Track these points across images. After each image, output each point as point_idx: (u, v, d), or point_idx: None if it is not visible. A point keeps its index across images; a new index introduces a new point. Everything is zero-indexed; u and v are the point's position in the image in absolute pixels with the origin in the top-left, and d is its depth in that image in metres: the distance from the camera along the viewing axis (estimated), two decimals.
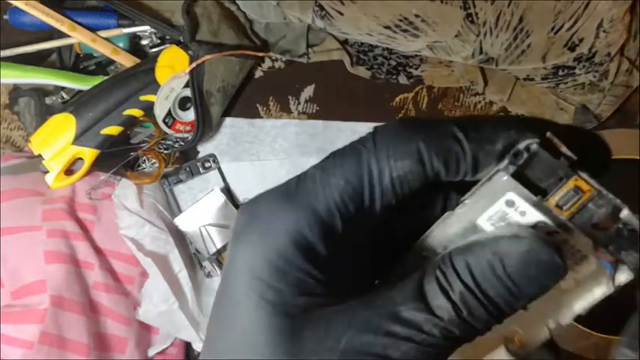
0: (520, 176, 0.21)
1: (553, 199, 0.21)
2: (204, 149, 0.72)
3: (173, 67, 0.66)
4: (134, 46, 0.69)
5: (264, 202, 0.22)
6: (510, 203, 0.21)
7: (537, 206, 0.21)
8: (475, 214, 0.22)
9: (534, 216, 0.21)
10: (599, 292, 0.22)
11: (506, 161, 0.21)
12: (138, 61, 0.68)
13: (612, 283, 0.22)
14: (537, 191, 0.21)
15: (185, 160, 0.72)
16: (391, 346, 0.20)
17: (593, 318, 0.69)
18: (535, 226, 0.21)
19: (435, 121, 0.22)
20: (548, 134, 0.21)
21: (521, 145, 0.21)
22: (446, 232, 0.22)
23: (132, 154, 0.68)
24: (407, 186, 0.21)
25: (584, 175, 0.21)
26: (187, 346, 0.70)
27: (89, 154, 0.66)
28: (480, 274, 0.20)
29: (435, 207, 0.24)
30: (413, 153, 0.21)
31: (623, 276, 0.21)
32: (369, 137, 0.21)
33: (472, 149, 0.21)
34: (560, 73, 0.64)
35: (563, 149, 0.21)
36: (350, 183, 0.21)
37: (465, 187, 0.23)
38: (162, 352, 0.68)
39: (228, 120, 0.71)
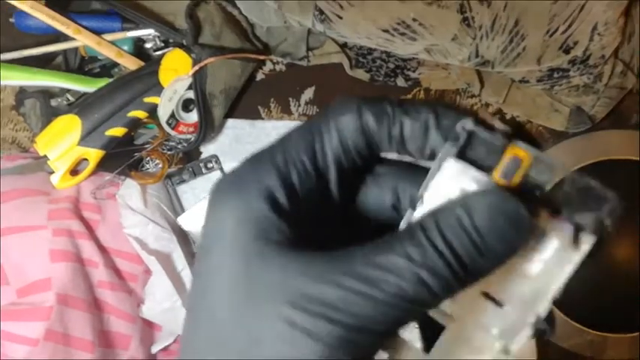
0: (466, 160, 0.21)
1: (497, 173, 0.21)
2: (206, 150, 0.72)
3: (176, 70, 0.65)
4: (138, 49, 0.69)
5: (236, 170, 0.23)
6: (464, 190, 0.22)
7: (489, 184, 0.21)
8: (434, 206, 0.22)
9: None
10: (569, 267, 0.21)
11: (447, 145, 0.21)
12: (142, 64, 0.68)
13: (578, 252, 0.20)
14: (481, 169, 0.21)
15: (188, 161, 0.72)
16: (342, 300, 0.19)
17: (589, 315, 0.70)
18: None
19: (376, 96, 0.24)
20: (480, 114, 0.21)
21: (458, 127, 0.21)
22: None
23: (136, 154, 0.68)
24: (351, 142, 0.23)
25: (520, 143, 0.21)
26: None
27: (94, 154, 0.65)
28: (448, 228, 0.20)
29: (384, 200, 0.25)
30: (353, 113, 0.23)
31: (586, 241, 0.20)
32: (321, 109, 0.24)
33: (400, 114, 0.22)
34: (555, 75, 0.65)
35: (497, 123, 0.21)
36: (304, 142, 0.23)
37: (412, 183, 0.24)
38: (165, 349, 0.68)
39: (230, 121, 0.71)
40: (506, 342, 0.21)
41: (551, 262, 0.21)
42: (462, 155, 0.21)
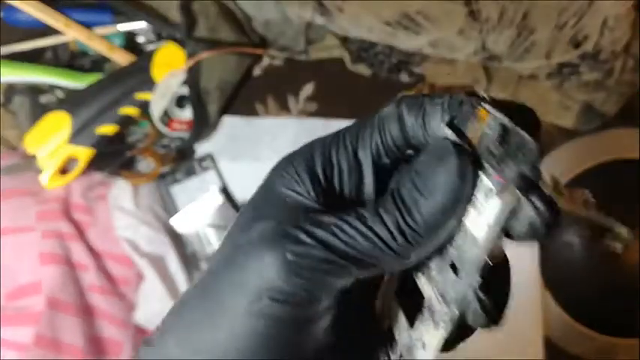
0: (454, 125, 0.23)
1: (468, 131, 0.23)
2: (201, 148, 0.71)
3: (170, 65, 0.66)
4: (130, 43, 0.69)
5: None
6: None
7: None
8: None
9: None
10: (493, 214, 0.21)
11: (445, 115, 0.23)
12: (134, 58, 0.68)
13: (507, 208, 0.21)
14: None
15: (182, 160, 0.71)
16: (304, 241, 0.22)
17: (598, 320, 0.69)
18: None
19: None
20: (478, 91, 0.23)
21: (454, 99, 0.24)
22: None
23: (128, 153, 0.68)
24: (391, 141, 0.25)
25: (486, 105, 0.22)
26: None
27: (84, 153, 0.65)
28: (402, 188, 0.23)
29: None
30: (395, 115, 0.25)
31: (512, 193, 0.21)
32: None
33: (426, 100, 0.25)
34: (565, 71, 0.64)
35: (482, 93, 0.23)
36: (351, 134, 0.26)
37: None
38: None
39: (226, 119, 0.71)
40: (460, 311, 0.23)
41: (494, 223, 0.22)
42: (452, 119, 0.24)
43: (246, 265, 0.23)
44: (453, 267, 0.23)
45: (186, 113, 0.68)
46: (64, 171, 0.66)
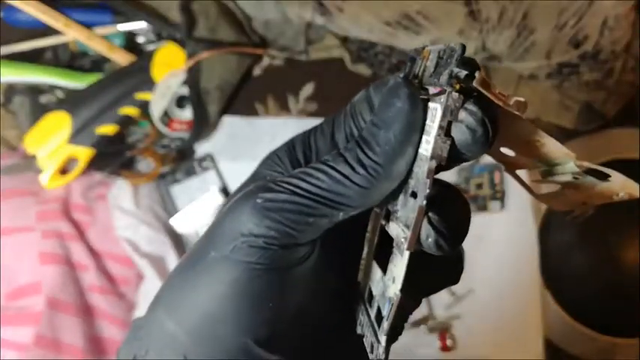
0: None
1: (416, 70, 0.24)
2: (201, 149, 0.71)
3: (170, 65, 0.66)
4: (130, 43, 0.69)
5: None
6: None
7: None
8: None
9: None
10: (437, 122, 0.22)
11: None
12: (134, 58, 0.67)
13: (447, 111, 0.22)
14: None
15: (182, 160, 0.71)
16: (276, 189, 0.24)
17: (598, 321, 0.69)
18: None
19: None
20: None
21: (410, 52, 0.25)
22: None
23: (128, 153, 0.68)
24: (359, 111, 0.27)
25: (429, 46, 0.24)
26: None
27: (84, 153, 0.65)
28: (351, 120, 0.26)
29: None
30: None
31: (452, 98, 0.22)
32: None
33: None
34: (565, 71, 0.64)
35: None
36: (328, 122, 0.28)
37: None
38: None
39: (226, 119, 0.71)
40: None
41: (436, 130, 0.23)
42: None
43: (223, 220, 0.24)
44: (414, 195, 0.23)
45: (186, 113, 0.68)
46: (64, 171, 0.66)
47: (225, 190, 0.70)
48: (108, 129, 0.65)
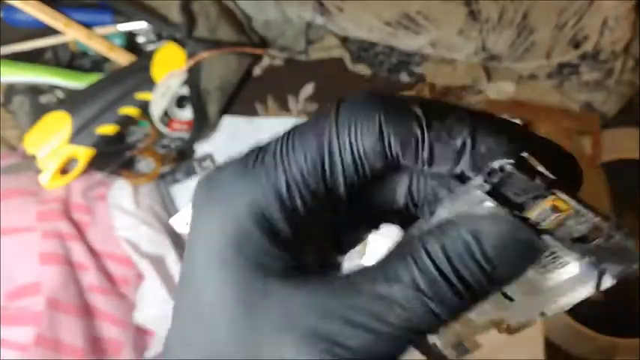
0: (495, 191, 0.20)
1: (530, 215, 0.20)
2: (201, 149, 0.71)
3: (170, 65, 0.66)
4: (130, 43, 0.69)
5: (223, 175, 0.21)
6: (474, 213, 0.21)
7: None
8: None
9: None
10: (584, 292, 0.21)
11: (480, 179, 0.20)
12: (134, 58, 0.67)
13: (597, 289, 0.21)
14: (512, 206, 0.20)
15: (182, 160, 0.71)
16: (350, 336, 0.19)
17: (598, 320, 0.69)
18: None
19: (400, 97, 0.21)
20: (525, 154, 0.20)
21: (496, 165, 0.20)
22: None
23: (128, 153, 0.68)
24: (368, 164, 0.20)
25: (563, 195, 0.20)
26: None
27: (84, 153, 0.65)
28: (457, 256, 0.19)
29: (398, 190, 0.23)
30: (374, 130, 0.20)
31: (607, 282, 0.21)
32: (332, 110, 0.21)
33: (431, 138, 0.20)
34: (565, 71, 0.64)
35: (540, 169, 0.20)
36: (311, 159, 0.20)
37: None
38: (159, 355, 0.68)
39: (226, 119, 0.71)
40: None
41: (568, 283, 0.21)
42: (493, 187, 0.21)
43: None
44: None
45: (186, 113, 0.68)
46: (64, 171, 0.66)
47: None
48: (108, 129, 0.65)
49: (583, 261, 0.21)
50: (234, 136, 0.71)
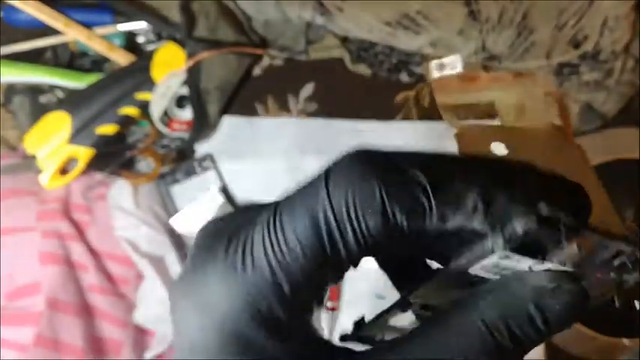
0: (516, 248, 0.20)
1: (555, 258, 0.20)
2: (201, 149, 0.71)
3: (170, 65, 0.66)
4: (130, 43, 0.69)
5: (206, 273, 0.19)
6: (505, 257, 0.20)
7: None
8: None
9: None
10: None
11: (500, 241, 0.19)
12: (134, 58, 0.67)
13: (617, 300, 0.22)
14: (535, 252, 0.20)
15: (182, 160, 0.71)
16: None
17: (599, 320, 0.69)
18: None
19: (396, 160, 0.18)
20: (544, 210, 0.19)
21: (519, 230, 0.19)
22: None
23: (128, 153, 0.68)
24: (373, 241, 0.18)
25: (587, 235, 0.20)
26: None
27: (84, 153, 0.65)
28: (520, 329, 0.19)
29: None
30: (377, 209, 0.18)
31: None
32: (321, 183, 0.18)
33: (439, 205, 0.18)
34: (565, 71, 0.64)
35: (562, 216, 0.19)
36: (307, 247, 0.18)
37: None
38: (159, 355, 0.68)
39: (225, 119, 0.71)
40: None
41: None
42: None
43: None
44: None
45: (186, 113, 0.68)
46: (64, 171, 0.66)
47: (225, 190, 0.70)
48: (108, 129, 0.65)
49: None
50: (234, 136, 0.71)
